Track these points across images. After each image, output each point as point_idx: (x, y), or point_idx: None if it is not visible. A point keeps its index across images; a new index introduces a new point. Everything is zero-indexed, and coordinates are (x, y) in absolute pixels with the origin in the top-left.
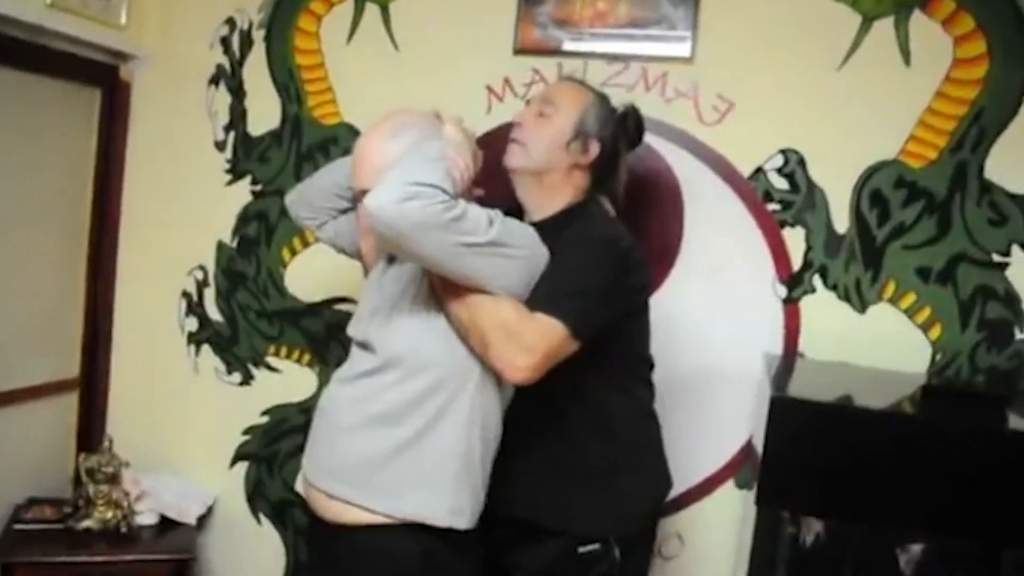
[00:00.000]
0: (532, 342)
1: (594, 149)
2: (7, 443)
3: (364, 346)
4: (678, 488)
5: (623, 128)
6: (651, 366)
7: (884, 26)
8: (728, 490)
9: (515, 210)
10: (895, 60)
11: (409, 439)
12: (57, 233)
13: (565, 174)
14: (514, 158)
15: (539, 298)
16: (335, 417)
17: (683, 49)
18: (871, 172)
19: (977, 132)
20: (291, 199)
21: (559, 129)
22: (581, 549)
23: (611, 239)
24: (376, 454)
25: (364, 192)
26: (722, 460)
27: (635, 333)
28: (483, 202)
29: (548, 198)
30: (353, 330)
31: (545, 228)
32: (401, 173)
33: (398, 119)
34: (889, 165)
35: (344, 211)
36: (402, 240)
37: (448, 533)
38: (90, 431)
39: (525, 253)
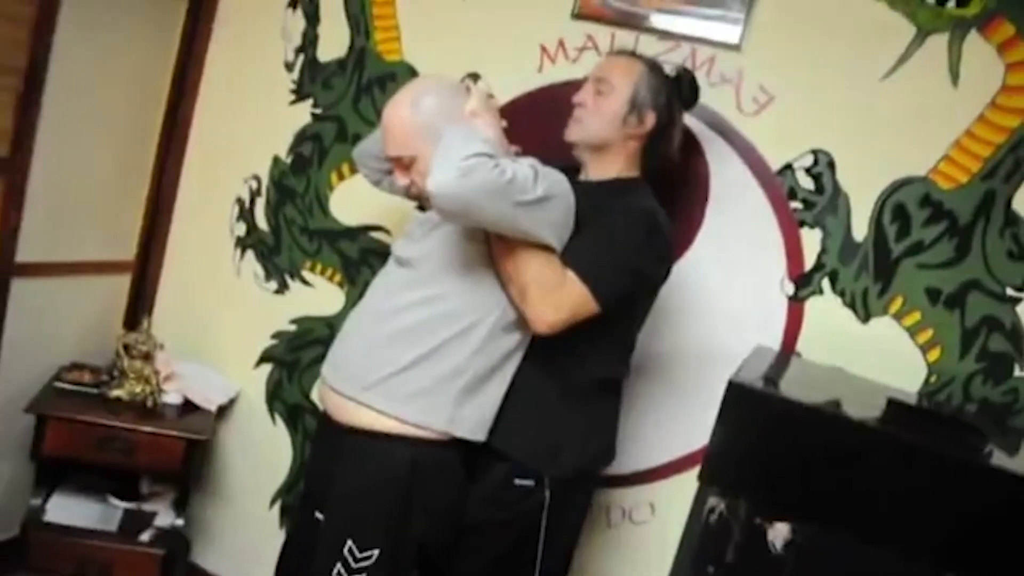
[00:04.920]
0: (563, 301)
1: (650, 119)
2: (62, 308)
3: (402, 262)
4: (656, 459)
5: (677, 91)
6: (632, 349)
7: (937, 42)
8: None
9: (569, 168)
10: (942, 78)
11: (425, 354)
12: (132, 126)
13: (622, 144)
14: (573, 133)
15: (577, 258)
16: (367, 327)
17: (733, 34)
18: (898, 186)
19: (1012, 162)
20: (356, 155)
21: (616, 105)
22: (517, 481)
23: (656, 223)
24: (395, 364)
25: (392, 159)
26: (703, 440)
27: (636, 311)
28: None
29: (604, 165)
30: (397, 247)
31: (597, 190)
32: (448, 152)
33: (417, 88)
34: (917, 182)
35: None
36: (468, 211)
37: (441, 451)
38: (136, 312)
39: (562, 199)
